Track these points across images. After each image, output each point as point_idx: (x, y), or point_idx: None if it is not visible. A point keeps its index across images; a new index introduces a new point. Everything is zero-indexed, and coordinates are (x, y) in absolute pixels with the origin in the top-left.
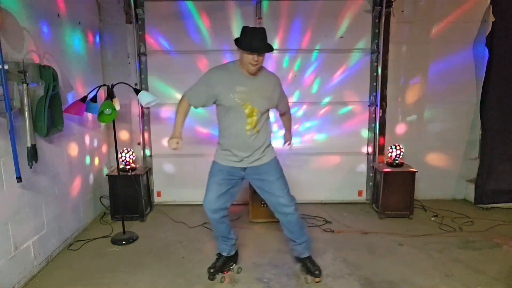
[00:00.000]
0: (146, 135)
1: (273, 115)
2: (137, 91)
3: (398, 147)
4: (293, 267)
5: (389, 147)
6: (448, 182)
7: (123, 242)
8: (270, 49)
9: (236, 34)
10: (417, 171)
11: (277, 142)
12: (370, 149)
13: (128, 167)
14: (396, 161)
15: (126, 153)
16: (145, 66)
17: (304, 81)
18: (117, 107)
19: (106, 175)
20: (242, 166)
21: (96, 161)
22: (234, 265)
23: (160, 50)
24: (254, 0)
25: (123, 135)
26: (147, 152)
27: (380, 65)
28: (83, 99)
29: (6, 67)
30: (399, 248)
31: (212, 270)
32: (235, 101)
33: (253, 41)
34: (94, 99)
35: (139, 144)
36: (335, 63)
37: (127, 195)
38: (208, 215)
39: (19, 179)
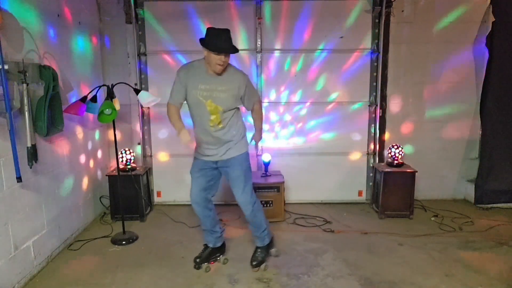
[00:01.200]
0: (146, 135)
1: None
2: (137, 91)
3: (398, 147)
4: (293, 267)
5: (389, 147)
6: (448, 182)
7: (123, 242)
8: (235, 50)
9: (237, 34)
10: (417, 171)
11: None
12: (370, 149)
13: (128, 167)
14: (396, 161)
15: (126, 153)
16: (145, 66)
17: (304, 81)
18: (117, 107)
19: (106, 175)
20: (212, 160)
21: (96, 161)
22: (221, 256)
23: (160, 50)
24: (254, 0)
25: (123, 135)
26: (147, 152)
27: (380, 65)
28: (83, 99)
29: (6, 67)
30: (399, 248)
31: (198, 260)
32: (198, 98)
33: (219, 42)
34: (94, 99)
35: (139, 144)
36: (335, 63)
37: (127, 195)
38: (194, 207)
39: (19, 179)
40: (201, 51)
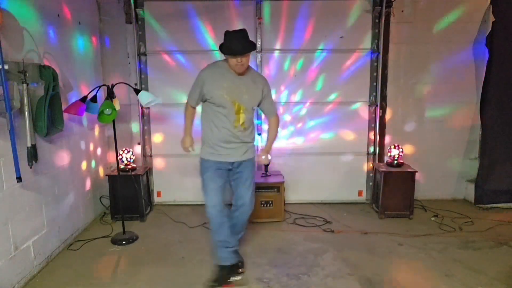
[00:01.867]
0: (146, 135)
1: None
2: (137, 91)
3: (398, 147)
4: (293, 267)
5: (389, 147)
6: (448, 182)
7: (123, 242)
8: (249, 49)
9: None
10: (417, 171)
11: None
12: (370, 149)
13: (128, 167)
14: (396, 161)
15: (126, 153)
16: (145, 66)
17: (304, 81)
18: (117, 107)
19: (106, 175)
20: (230, 160)
21: (96, 161)
22: (240, 273)
23: (160, 50)
24: (254, 0)
25: (123, 135)
26: (147, 152)
27: (380, 65)
28: (83, 99)
29: (6, 67)
30: (399, 248)
31: (213, 285)
32: (224, 98)
33: (232, 44)
34: (94, 99)
35: (139, 144)
36: (335, 63)
37: (127, 195)
38: (210, 212)
39: (19, 179)
40: (201, 50)
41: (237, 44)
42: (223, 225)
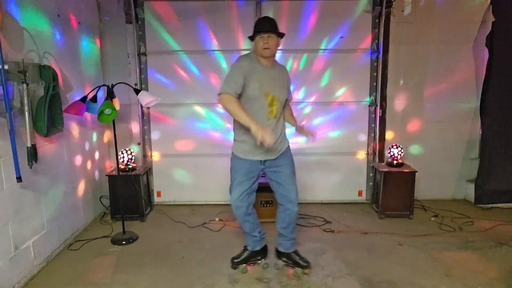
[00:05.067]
0: (146, 135)
1: None
2: (137, 91)
3: (398, 147)
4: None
5: (389, 147)
6: (448, 182)
7: (123, 242)
8: (275, 28)
9: (237, 34)
10: (417, 171)
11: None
12: (370, 149)
13: (128, 167)
14: (396, 161)
15: (126, 153)
16: (145, 66)
17: (304, 82)
18: (117, 107)
19: (106, 175)
20: (261, 159)
21: (96, 161)
22: (262, 259)
23: (160, 50)
24: (255, 0)
25: (123, 135)
26: (147, 152)
27: (380, 65)
28: (83, 99)
29: (6, 67)
30: (399, 248)
31: (235, 260)
32: (259, 90)
33: (260, 24)
34: (94, 99)
35: (139, 144)
36: (335, 63)
37: (127, 195)
38: (234, 211)
39: (19, 179)
40: (201, 50)
41: (264, 24)
42: (245, 222)
